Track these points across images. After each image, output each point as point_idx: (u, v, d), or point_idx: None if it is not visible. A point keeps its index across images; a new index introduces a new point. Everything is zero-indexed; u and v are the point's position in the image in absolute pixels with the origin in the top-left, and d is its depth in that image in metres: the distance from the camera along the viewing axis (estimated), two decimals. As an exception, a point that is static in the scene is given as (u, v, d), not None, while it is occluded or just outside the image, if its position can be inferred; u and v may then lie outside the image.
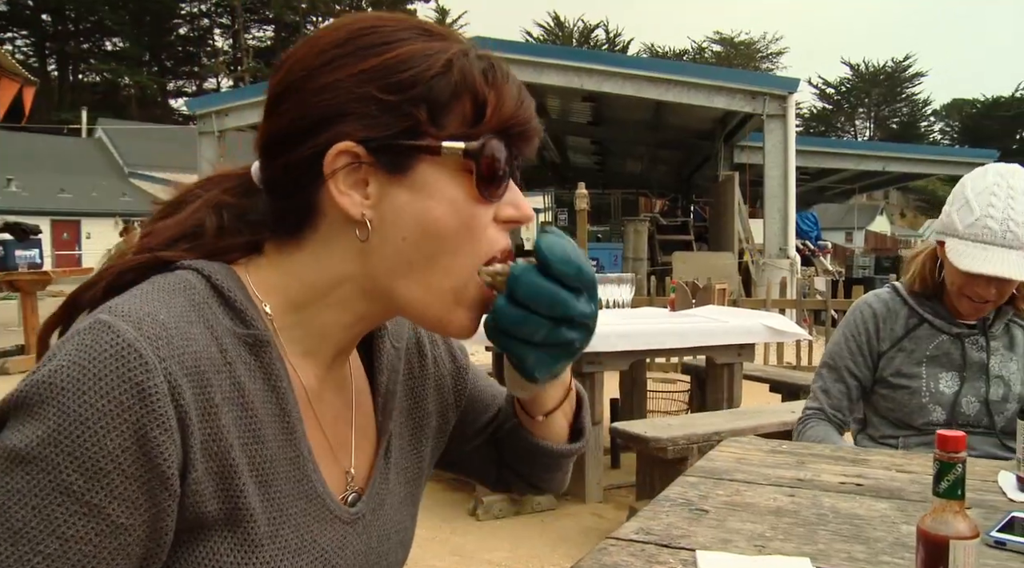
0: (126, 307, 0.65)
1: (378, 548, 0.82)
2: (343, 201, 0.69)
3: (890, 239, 35.71)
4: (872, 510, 1.13)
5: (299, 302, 0.74)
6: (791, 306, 8.39)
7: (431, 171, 0.69)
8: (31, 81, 5.39)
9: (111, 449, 0.59)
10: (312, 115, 0.69)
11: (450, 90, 0.69)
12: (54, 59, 47.07)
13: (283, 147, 0.71)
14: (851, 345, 1.93)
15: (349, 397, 0.82)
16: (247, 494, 0.67)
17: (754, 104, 11.84)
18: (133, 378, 0.60)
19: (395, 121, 0.68)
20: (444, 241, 0.70)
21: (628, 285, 4.32)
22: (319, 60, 0.70)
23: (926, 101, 65.53)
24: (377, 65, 0.68)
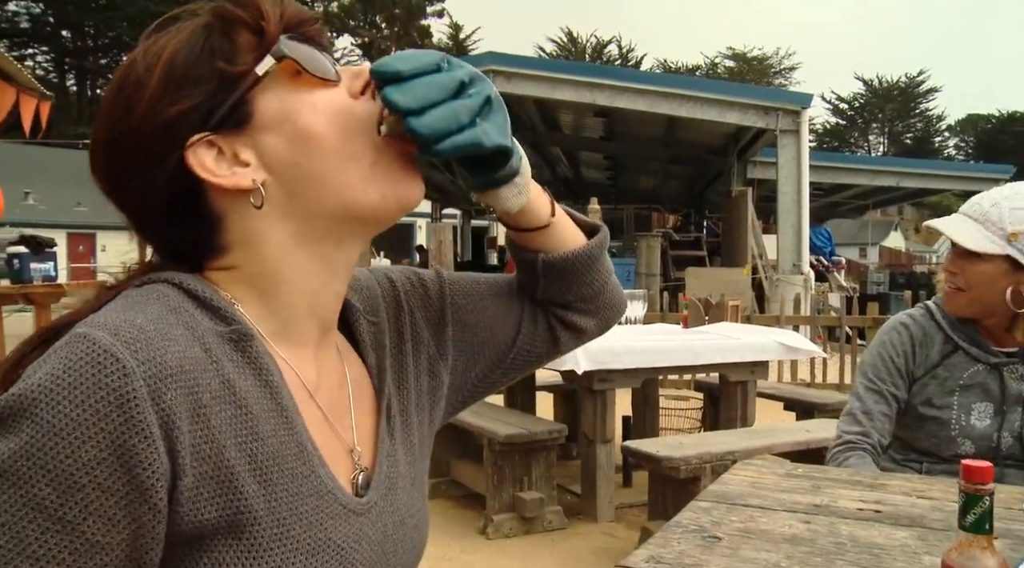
0: (101, 318, 0.63)
1: (394, 535, 0.79)
2: (231, 181, 0.70)
3: (905, 255, 35.46)
4: (892, 539, 1.09)
5: (261, 293, 0.73)
6: (805, 322, 8.32)
7: (268, 98, 0.71)
8: (47, 96, 5.43)
9: (86, 461, 0.57)
10: (146, 162, 0.70)
11: (225, 36, 0.71)
12: (73, 74, 47.61)
13: (146, 198, 0.71)
14: (889, 365, 1.81)
15: (343, 381, 0.81)
16: (248, 496, 0.64)
17: (767, 119, 11.82)
18: (110, 384, 0.58)
19: (205, 92, 0.69)
20: (330, 136, 0.71)
21: (641, 301, 4.29)
22: (119, 110, 0.70)
23: (940, 116, 65.30)
24: (157, 81, 0.69)
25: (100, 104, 0.74)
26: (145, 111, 0.69)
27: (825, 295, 11.79)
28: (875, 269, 20.88)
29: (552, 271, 0.91)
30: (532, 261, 0.91)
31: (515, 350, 0.96)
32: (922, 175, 17.46)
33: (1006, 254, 1.65)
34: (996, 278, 1.68)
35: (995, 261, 1.67)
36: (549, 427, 3.81)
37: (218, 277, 0.73)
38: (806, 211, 11.88)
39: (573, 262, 0.91)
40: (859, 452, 1.76)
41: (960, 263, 1.72)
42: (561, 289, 0.94)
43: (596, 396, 3.79)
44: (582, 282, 0.94)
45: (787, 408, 4.77)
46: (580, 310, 0.97)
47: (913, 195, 20.67)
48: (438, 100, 0.71)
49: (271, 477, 0.67)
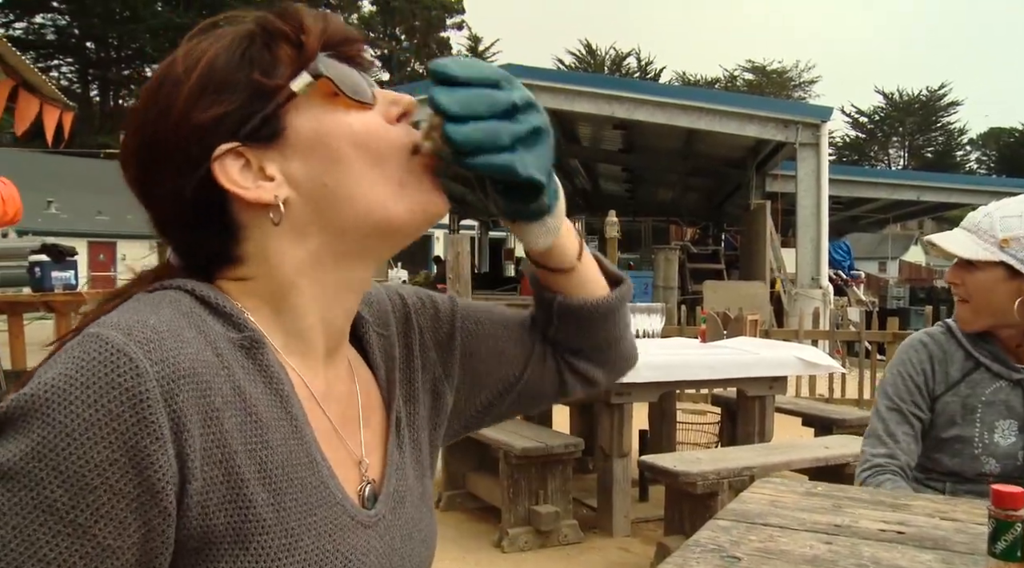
0: (114, 319, 0.62)
1: (401, 549, 0.79)
2: (254, 195, 0.69)
3: (925, 269, 35.14)
4: (916, 562, 1.07)
5: (271, 308, 0.72)
6: (824, 337, 8.25)
7: (302, 115, 0.70)
8: (70, 106, 5.49)
9: (98, 462, 0.56)
10: (180, 154, 0.69)
11: (265, 48, 0.70)
12: (96, 85, 48.19)
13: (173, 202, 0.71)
14: (909, 385, 1.80)
15: (353, 393, 0.80)
16: (257, 504, 0.64)
17: (787, 132, 11.77)
18: (123, 384, 0.57)
19: (243, 102, 0.69)
20: (358, 161, 0.70)
21: (658, 315, 4.27)
22: (154, 114, 0.70)
23: (962, 130, 64.70)
24: (198, 76, 0.69)
25: (138, 100, 0.73)
26: (181, 112, 0.69)
27: (844, 309, 11.70)
28: (895, 283, 20.71)
29: (567, 316, 0.90)
30: (549, 301, 0.91)
31: (520, 385, 0.95)
32: (943, 189, 17.31)
33: (1000, 260, 1.68)
34: (994, 285, 1.70)
35: (991, 269, 1.69)
36: (565, 441, 3.79)
37: (231, 287, 0.72)
38: (825, 225, 11.80)
39: (590, 311, 0.90)
40: (889, 475, 1.74)
41: (960, 274, 1.76)
42: (574, 335, 0.93)
43: (613, 410, 3.77)
44: (596, 332, 0.93)
45: (805, 424, 4.72)
46: (591, 359, 0.96)
47: (934, 209, 20.51)
48: (483, 114, 0.70)
49: (280, 486, 0.66)
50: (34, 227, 22.77)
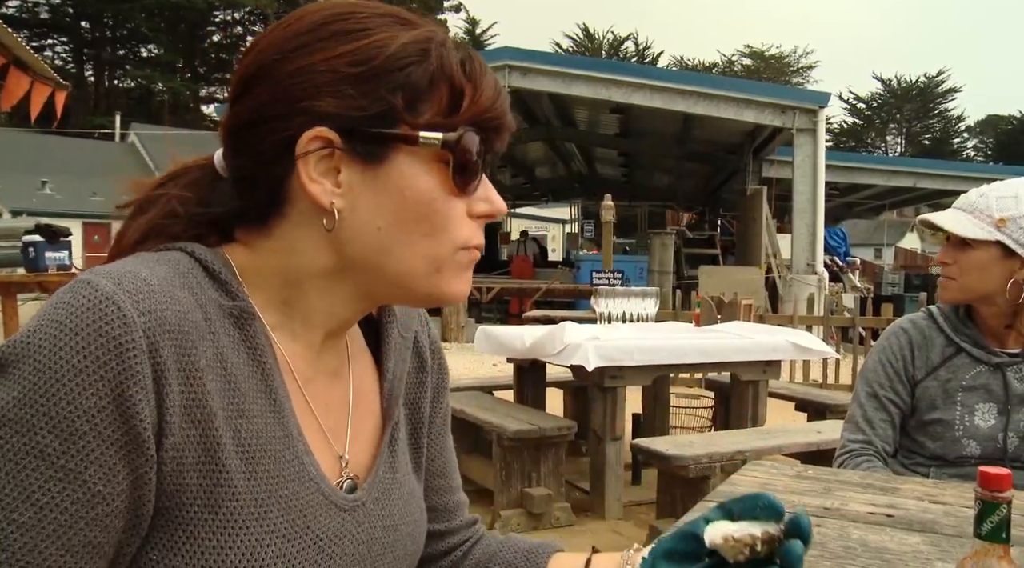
0: (109, 267, 0.63)
1: (383, 539, 0.77)
2: (313, 189, 0.67)
3: (920, 256, 35.18)
4: (904, 544, 1.07)
5: (276, 287, 0.71)
6: (818, 323, 8.27)
7: (406, 161, 0.67)
8: (63, 85, 5.44)
9: (87, 409, 0.57)
10: (284, 99, 0.67)
11: (427, 78, 0.67)
12: (91, 65, 47.87)
13: (252, 132, 0.68)
14: (888, 371, 1.82)
15: (345, 385, 0.79)
16: (230, 470, 0.63)
17: (784, 118, 11.76)
18: (110, 332, 0.58)
19: (371, 106, 0.66)
20: (419, 229, 0.68)
21: (653, 299, 4.27)
22: (293, 44, 0.67)
23: (960, 117, 64.61)
24: (353, 50, 0.66)
25: (296, 22, 0.69)
26: (319, 72, 0.66)
27: (839, 295, 11.72)
28: (890, 270, 20.74)
29: None
30: None
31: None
32: (940, 176, 17.31)
33: (995, 240, 1.67)
34: (988, 265, 1.70)
35: (986, 248, 1.69)
36: (558, 423, 3.80)
37: (241, 258, 0.71)
38: (821, 211, 11.82)
39: None
40: (867, 457, 1.77)
41: (952, 253, 1.75)
42: None
43: (606, 393, 3.77)
44: None
45: (799, 408, 4.73)
46: None
47: (930, 196, 20.49)
48: None
49: (253, 456, 0.66)
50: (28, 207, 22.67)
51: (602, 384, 3.73)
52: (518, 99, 13.61)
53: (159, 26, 45.50)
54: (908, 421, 1.82)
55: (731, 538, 0.65)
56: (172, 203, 0.74)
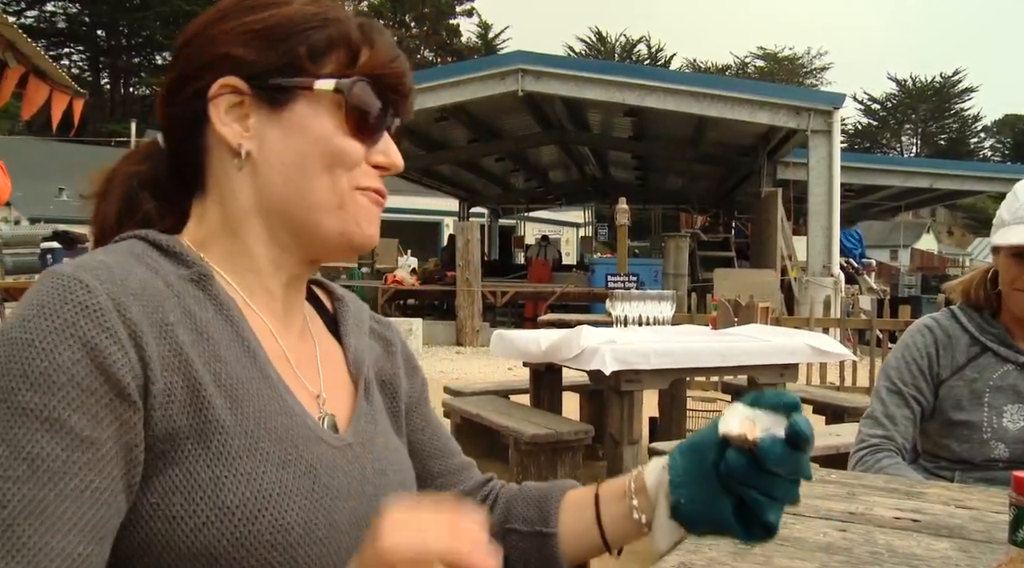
0: (66, 261, 0.69)
1: (374, 480, 0.79)
2: (223, 131, 0.75)
3: (937, 258, 34.92)
4: (931, 550, 1.06)
5: (226, 244, 0.77)
6: (835, 325, 8.21)
7: (307, 105, 0.75)
8: (80, 93, 5.49)
9: (62, 362, 0.60)
10: (201, 59, 0.76)
11: (326, 39, 0.76)
12: (107, 73, 48.25)
13: (174, 93, 0.77)
14: (912, 368, 1.79)
15: (311, 343, 0.84)
16: (216, 407, 0.67)
17: (798, 120, 11.70)
18: (76, 298, 0.62)
19: (273, 58, 0.75)
20: (319, 165, 0.75)
21: (669, 302, 4.25)
22: (216, 16, 0.77)
23: (976, 117, 64.02)
24: (264, 18, 0.76)
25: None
26: (231, 31, 0.75)
27: (855, 298, 11.64)
28: (906, 272, 20.60)
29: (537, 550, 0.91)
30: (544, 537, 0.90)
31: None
32: (957, 176, 17.16)
33: None
34: None
35: None
36: (575, 427, 3.79)
37: (193, 232, 0.78)
38: (837, 212, 11.74)
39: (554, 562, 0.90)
40: (887, 452, 1.73)
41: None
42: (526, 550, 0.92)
43: (623, 397, 3.76)
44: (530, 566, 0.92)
45: (816, 411, 4.70)
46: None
47: (947, 197, 20.35)
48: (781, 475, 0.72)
49: (236, 394, 0.69)
50: (46, 214, 22.86)
51: (619, 388, 3.72)
52: (531, 103, 13.62)
53: (173, 34, 45.78)
54: (931, 423, 1.79)
55: (739, 434, 0.72)
56: (130, 181, 0.81)
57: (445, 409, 4.43)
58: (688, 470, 0.77)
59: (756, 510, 0.73)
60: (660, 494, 0.80)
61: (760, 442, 0.71)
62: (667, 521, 0.80)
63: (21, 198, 23.05)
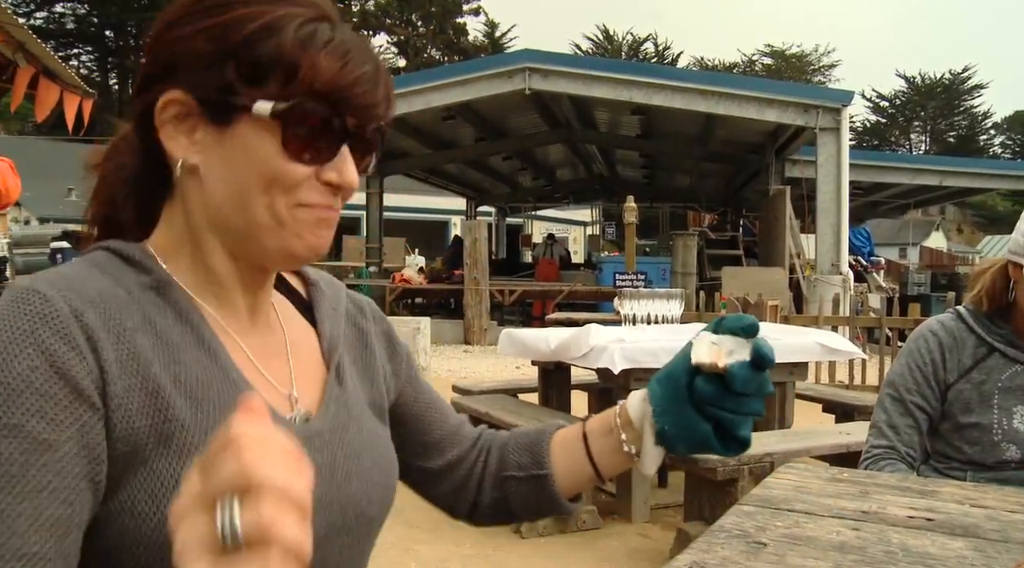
0: (29, 276, 0.69)
1: (346, 465, 0.80)
2: (169, 145, 0.74)
3: (946, 255, 34.79)
4: (946, 549, 1.05)
5: (189, 253, 0.78)
6: (844, 323, 8.19)
7: (247, 126, 0.72)
8: (89, 94, 5.50)
9: (20, 370, 0.62)
10: (159, 63, 0.75)
11: (267, 54, 0.71)
12: (115, 73, 48.43)
13: (139, 91, 0.77)
14: (916, 375, 1.78)
15: (280, 336, 0.84)
16: (175, 407, 0.68)
17: (807, 117, 11.66)
18: (32, 309, 0.64)
19: (215, 76, 0.72)
20: (256, 187, 0.73)
21: (678, 300, 4.24)
22: (175, 16, 0.75)
23: (986, 113, 63.69)
24: (211, 24, 0.73)
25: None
26: (196, 28, 0.73)
27: (864, 296, 11.60)
28: (915, 269, 20.52)
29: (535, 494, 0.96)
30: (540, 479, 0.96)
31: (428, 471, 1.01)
32: (967, 174, 17.09)
33: None
34: None
35: None
36: (584, 426, 3.78)
37: (157, 244, 0.78)
38: (845, 210, 11.70)
39: (560, 506, 0.97)
40: (890, 461, 1.74)
41: None
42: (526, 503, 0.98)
43: (632, 396, 3.75)
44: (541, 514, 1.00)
45: (826, 410, 4.69)
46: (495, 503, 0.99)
47: (956, 194, 20.28)
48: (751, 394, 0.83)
49: (196, 394, 0.71)
50: (55, 214, 22.94)
51: (628, 386, 3.70)
52: (538, 101, 13.61)
53: (182, 34, 45.96)
54: (942, 425, 1.77)
55: (711, 363, 0.80)
56: (119, 174, 0.82)
57: (453, 407, 4.44)
58: (667, 397, 0.85)
59: (729, 428, 0.83)
60: (645, 424, 0.87)
61: (729, 368, 0.79)
62: (653, 448, 0.88)
63: (31, 198, 23.14)
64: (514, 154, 17.86)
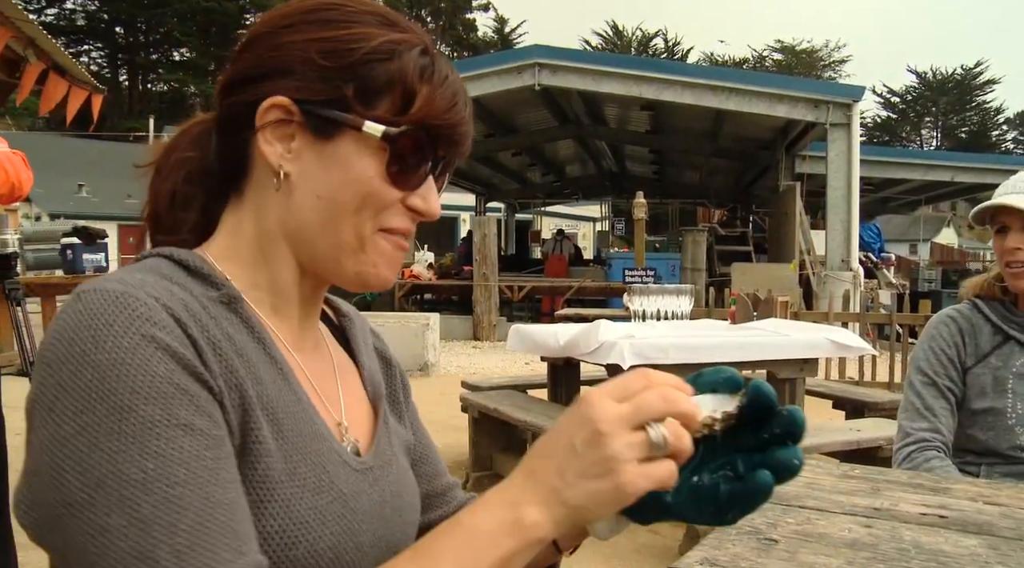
0: (102, 277, 0.66)
1: (392, 502, 0.80)
2: (266, 149, 0.73)
3: (957, 252, 34.58)
4: (959, 547, 1.04)
5: (253, 260, 0.77)
6: (854, 320, 8.15)
7: (351, 144, 0.73)
8: (99, 89, 5.50)
9: (162, 374, 0.60)
10: (262, 66, 0.74)
11: (385, 77, 0.72)
12: (125, 69, 48.57)
13: (233, 90, 0.76)
14: (943, 358, 1.78)
15: (328, 359, 0.84)
16: (262, 429, 0.67)
17: (817, 113, 11.61)
18: (142, 314, 0.61)
19: (327, 90, 0.72)
20: (349, 205, 0.73)
21: (687, 296, 4.22)
22: (284, 22, 0.75)
23: (999, 109, 63.30)
24: (328, 37, 0.73)
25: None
26: (308, 38, 0.73)
27: (875, 292, 11.55)
28: (926, 266, 20.42)
29: None
30: None
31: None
32: (979, 169, 16.97)
33: None
34: None
35: None
36: (593, 422, 3.77)
37: (221, 245, 0.77)
38: (856, 206, 11.64)
39: None
40: (936, 452, 1.72)
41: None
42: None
43: (641, 392, 3.74)
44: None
45: (836, 406, 4.67)
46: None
47: (968, 190, 20.13)
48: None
49: (277, 417, 0.70)
50: (66, 210, 23.07)
51: (637, 382, 3.70)
52: (548, 97, 13.58)
53: (191, 30, 46.08)
54: (959, 411, 1.78)
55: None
56: (182, 169, 0.79)
57: (463, 403, 4.43)
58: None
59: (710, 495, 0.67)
60: None
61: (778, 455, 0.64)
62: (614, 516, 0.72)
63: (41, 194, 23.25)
64: (523, 150, 17.83)
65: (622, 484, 0.58)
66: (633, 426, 0.59)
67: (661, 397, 0.61)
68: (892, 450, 1.82)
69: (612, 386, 0.62)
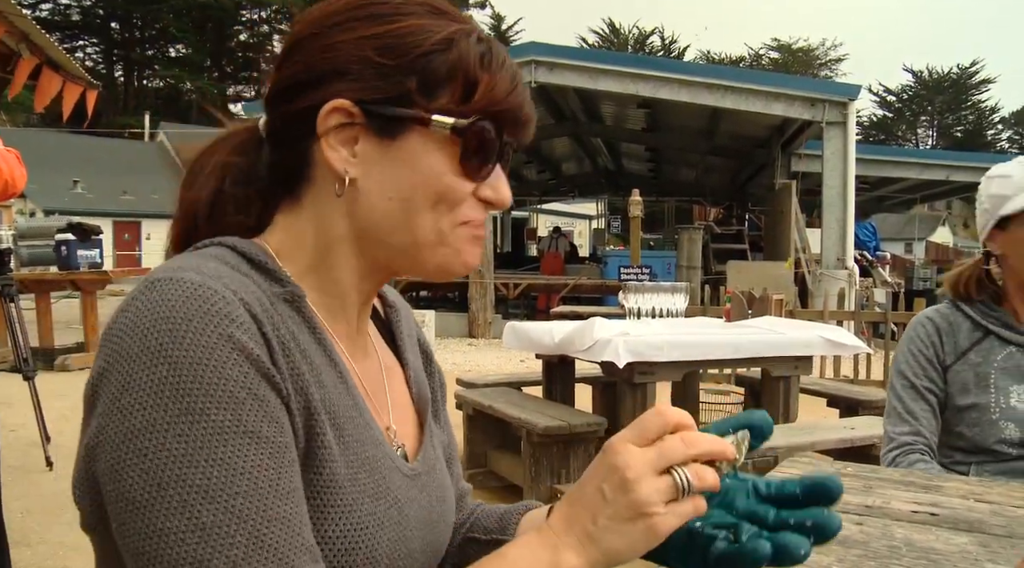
0: (174, 264, 0.65)
1: (438, 508, 0.81)
2: (331, 155, 0.71)
3: (952, 251, 34.64)
4: (950, 544, 1.04)
5: (311, 264, 0.75)
6: (849, 318, 8.17)
7: (419, 140, 0.71)
8: (94, 85, 5.49)
9: (236, 377, 0.60)
10: (315, 70, 0.71)
11: (446, 67, 0.70)
12: (121, 65, 48.41)
13: (285, 97, 0.73)
14: (920, 360, 1.80)
15: (377, 362, 0.83)
16: (327, 433, 0.67)
17: (813, 111, 11.61)
18: (221, 310, 0.61)
19: (389, 87, 0.70)
20: (424, 203, 0.72)
21: (682, 294, 4.23)
22: (330, 20, 0.72)
23: (994, 108, 63.33)
24: (381, 32, 0.70)
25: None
26: (360, 35, 0.70)
27: (870, 291, 11.57)
28: (921, 264, 20.44)
29: None
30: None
31: None
32: (974, 169, 16.98)
33: None
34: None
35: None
36: (588, 420, 3.78)
37: (278, 241, 0.75)
38: (851, 205, 11.66)
39: None
40: (919, 456, 1.74)
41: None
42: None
43: (636, 389, 3.75)
44: None
45: (830, 405, 4.68)
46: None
47: (963, 189, 20.16)
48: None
49: (339, 422, 0.69)
50: (60, 206, 22.99)
51: (632, 380, 3.70)
52: (544, 94, 13.57)
53: (187, 26, 45.92)
54: (943, 411, 1.79)
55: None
56: (224, 174, 0.77)
57: (458, 400, 4.43)
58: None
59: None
60: None
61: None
62: None
63: (36, 190, 23.18)
64: (519, 147, 17.83)
65: (653, 525, 0.61)
66: (658, 471, 0.61)
67: (683, 441, 0.63)
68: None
69: (631, 431, 0.63)
